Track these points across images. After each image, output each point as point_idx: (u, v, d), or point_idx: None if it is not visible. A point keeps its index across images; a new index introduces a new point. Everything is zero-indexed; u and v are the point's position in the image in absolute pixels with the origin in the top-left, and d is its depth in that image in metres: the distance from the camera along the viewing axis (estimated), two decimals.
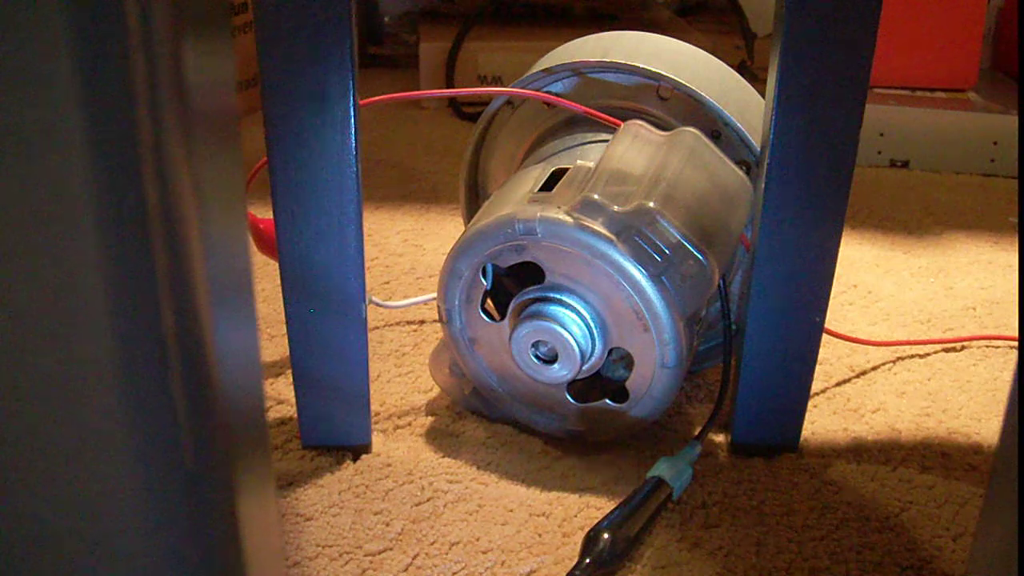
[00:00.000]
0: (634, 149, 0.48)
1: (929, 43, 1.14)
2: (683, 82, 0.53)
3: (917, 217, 0.93)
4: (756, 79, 1.30)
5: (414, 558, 0.46)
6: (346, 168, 0.47)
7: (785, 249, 0.49)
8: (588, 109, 0.53)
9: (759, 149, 0.52)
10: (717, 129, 0.53)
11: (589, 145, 0.53)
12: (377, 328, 0.68)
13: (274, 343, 0.65)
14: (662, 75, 0.53)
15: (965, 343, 0.69)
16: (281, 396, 0.59)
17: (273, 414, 0.58)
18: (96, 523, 0.19)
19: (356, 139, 0.47)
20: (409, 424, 0.57)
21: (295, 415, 0.55)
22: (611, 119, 0.52)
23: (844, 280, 0.78)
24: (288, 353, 0.52)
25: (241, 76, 1.17)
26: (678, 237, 0.45)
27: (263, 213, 0.49)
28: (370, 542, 0.47)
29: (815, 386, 0.53)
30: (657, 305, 0.46)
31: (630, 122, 0.50)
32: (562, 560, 0.46)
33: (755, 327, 0.51)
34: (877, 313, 0.73)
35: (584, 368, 0.48)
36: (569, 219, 0.45)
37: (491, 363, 0.52)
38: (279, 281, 0.50)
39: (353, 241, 0.49)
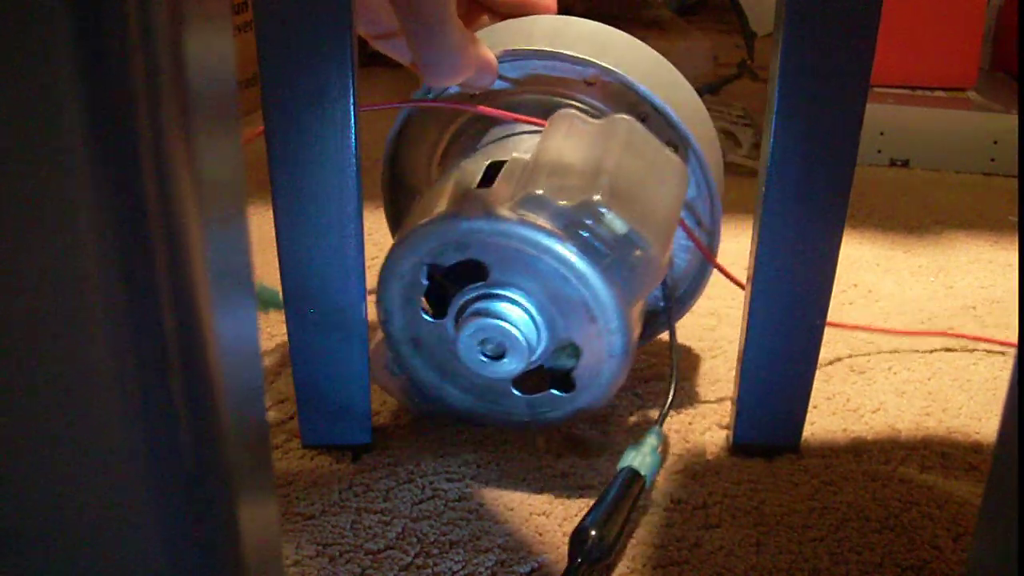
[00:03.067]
0: (570, 140, 0.48)
1: (929, 43, 1.14)
2: (609, 67, 0.52)
3: (917, 216, 0.93)
4: (756, 78, 1.30)
5: (414, 558, 0.46)
6: (346, 168, 0.47)
7: (785, 249, 0.49)
8: (515, 115, 0.52)
9: (687, 131, 0.52)
10: (645, 112, 0.53)
11: (521, 136, 0.53)
12: (377, 328, 0.68)
13: (274, 343, 0.65)
14: (587, 60, 0.52)
15: (966, 340, 0.69)
16: (281, 396, 0.59)
17: (273, 414, 0.58)
18: (95, 523, 0.19)
19: (356, 139, 0.47)
20: (409, 424, 0.57)
21: (295, 415, 0.55)
22: (533, 120, 0.52)
23: (844, 279, 0.78)
24: (288, 353, 0.52)
25: (241, 76, 1.17)
26: (624, 228, 0.44)
27: (263, 213, 0.49)
28: (370, 541, 0.47)
29: (815, 386, 0.53)
30: (604, 297, 0.46)
31: (561, 112, 0.50)
32: (562, 560, 0.46)
33: (755, 327, 0.51)
34: (877, 312, 0.73)
35: (532, 361, 0.48)
36: (514, 216, 0.45)
37: (433, 361, 0.51)
38: (279, 281, 0.50)
39: (353, 241, 0.49)
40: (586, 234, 0.45)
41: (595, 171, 0.45)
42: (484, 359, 0.48)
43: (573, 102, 0.54)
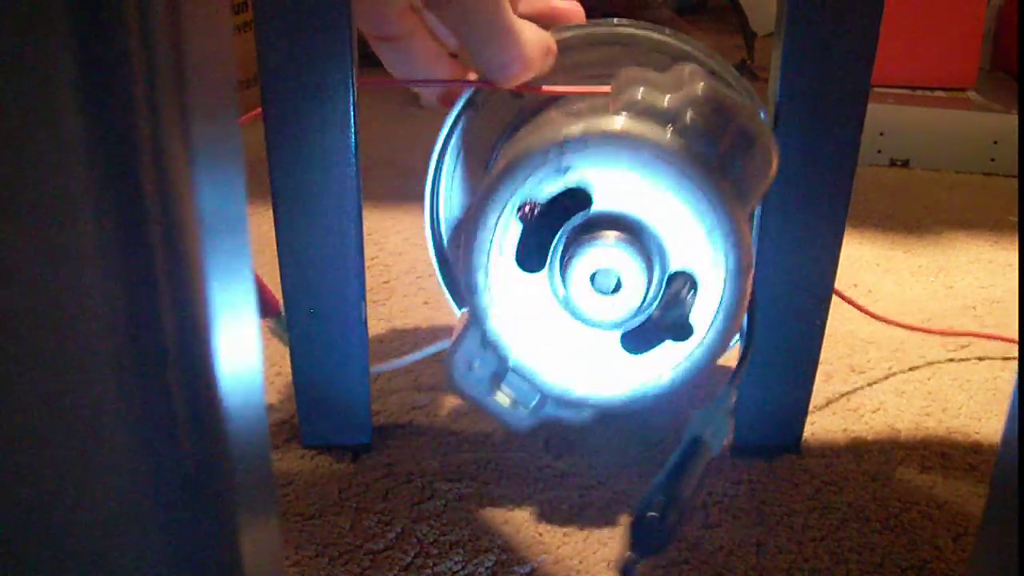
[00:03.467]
0: (650, 75, 0.43)
1: (929, 43, 1.14)
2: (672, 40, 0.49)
3: (917, 216, 0.93)
4: (756, 78, 1.30)
5: (414, 558, 0.46)
6: (346, 168, 0.47)
7: (786, 249, 0.49)
8: (578, 88, 0.48)
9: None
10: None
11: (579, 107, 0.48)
12: (377, 328, 0.68)
13: (274, 343, 0.65)
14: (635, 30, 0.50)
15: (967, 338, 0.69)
16: (281, 396, 0.59)
17: (273, 414, 0.58)
18: (95, 524, 0.19)
19: (356, 139, 0.47)
20: (409, 424, 0.57)
21: (295, 415, 0.55)
22: (596, 89, 0.47)
23: (844, 279, 0.78)
24: (288, 353, 0.52)
25: (241, 76, 1.17)
26: (741, 120, 0.40)
27: (263, 213, 0.49)
28: (370, 542, 0.47)
29: (815, 386, 0.53)
30: (723, 200, 0.40)
31: (624, 69, 0.45)
32: (562, 560, 0.46)
33: (756, 327, 0.51)
34: (877, 312, 0.73)
35: (645, 302, 0.42)
36: (622, 121, 0.40)
37: (527, 329, 0.43)
38: (279, 281, 0.50)
39: (353, 241, 0.49)
40: (697, 130, 0.40)
41: (687, 78, 0.41)
42: (598, 296, 0.41)
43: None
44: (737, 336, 0.48)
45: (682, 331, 0.43)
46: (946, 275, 0.80)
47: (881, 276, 0.79)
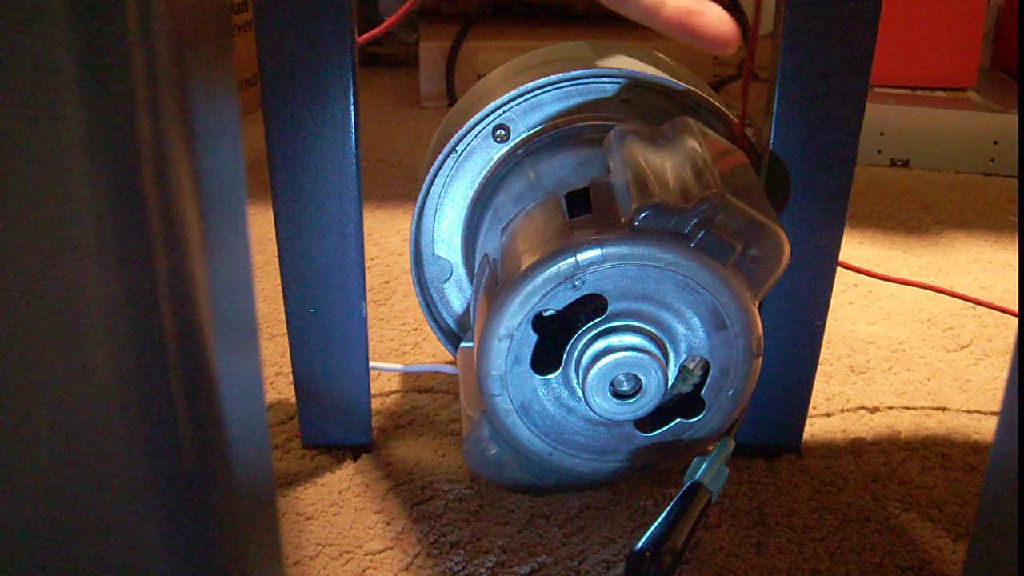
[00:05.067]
0: (649, 150, 0.44)
1: (929, 43, 1.14)
2: (650, 75, 0.49)
3: (917, 217, 0.93)
4: (756, 79, 1.30)
5: (414, 558, 0.46)
6: (346, 168, 0.47)
7: None
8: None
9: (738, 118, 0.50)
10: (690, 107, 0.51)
11: (571, 167, 0.49)
12: (377, 328, 0.68)
13: (274, 343, 0.65)
14: (625, 73, 0.50)
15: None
16: (281, 396, 0.59)
17: (273, 414, 0.58)
18: (96, 523, 0.19)
19: (356, 139, 0.47)
20: (409, 424, 0.57)
21: (295, 415, 0.55)
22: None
23: (844, 279, 0.78)
24: (288, 353, 0.52)
25: (241, 76, 1.17)
26: (751, 215, 0.41)
27: (263, 212, 0.49)
28: (370, 541, 0.47)
29: (815, 386, 0.53)
30: (738, 296, 0.42)
31: (618, 128, 0.46)
32: (562, 560, 0.46)
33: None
34: (877, 312, 0.73)
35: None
36: (634, 234, 0.41)
37: (544, 426, 0.45)
38: (279, 281, 0.50)
39: (353, 241, 0.49)
40: (712, 231, 0.41)
41: (697, 168, 0.42)
42: (618, 402, 0.43)
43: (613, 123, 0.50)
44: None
45: (694, 409, 0.45)
46: (946, 275, 0.80)
47: None
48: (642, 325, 0.43)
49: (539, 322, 0.43)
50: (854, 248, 0.84)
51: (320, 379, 0.52)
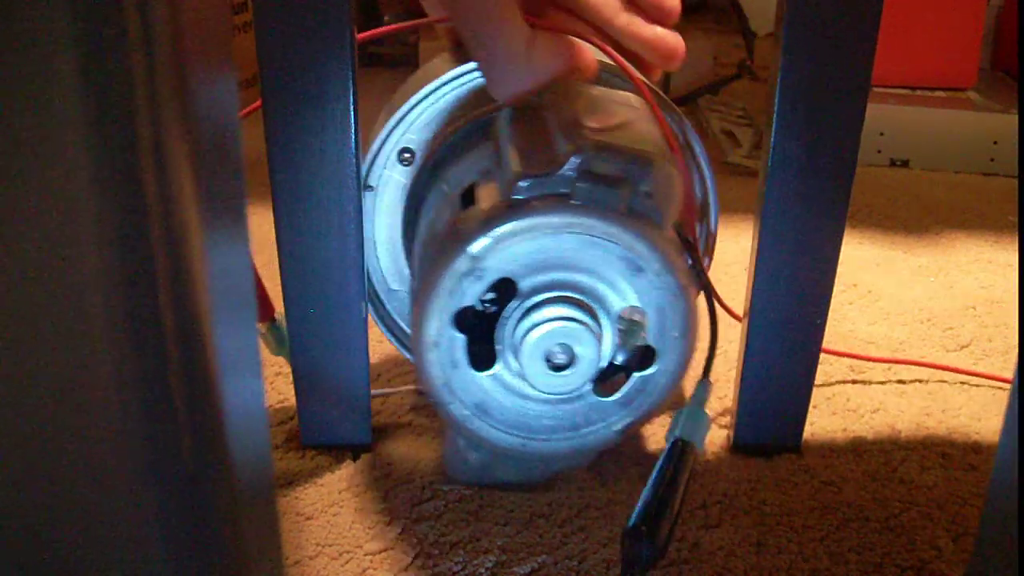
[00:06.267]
0: (522, 126, 0.44)
1: (929, 43, 1.14)
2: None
3: (917, 216, 0.93)
4: (756, 78, 1.30)
5: (414, 558, 0.46)
6: (346, 168, 0.47)
7: (786, 249, 0.49)
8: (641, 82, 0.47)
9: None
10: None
11: (468, 166, 0.48)
12: (377, 328, 0.68)
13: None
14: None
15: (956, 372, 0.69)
16: (281, 396, 0.59)
17: (273, 414, 0.58)
18: (96, 523, 0.19)
19: (356, 139, 0.47)
20: (409, 424, 0.57)
21: (295, 415, 0.55)
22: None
23: (844, 279, 0.78)
24: (288, 353, 0.52)
25: (241, 76, 1.17)
26: (627, 152, 0.40)
27: (263, 212, 0.49)
28: (370, 541, 0.47)
29: (815, 386, 0.53)
30: (643, 236, 0.41)
31: (497, 115, 0.46)
32: (562, 560, 0.46)
33: (756, 327, 0.51)
34: (877, 312, 0.73)
35: (603, 353, 0.43)
36: (511, 209, 0.41)
37: (507, 421, 0.44)
38: (279, 281, 0.50)
39: (353, 241, 0.49)
40: (591, 183, 0.40)
41: (567, 128, 0.42)
42: (557, 375, 0.42)
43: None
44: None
45: (645, 360, 0.44)
46: (946, 275, 0.80)
47: (881, 276, 0.79)
48: (560, 294, 0.42)
49: (463, 321, 0.42)
50: (854, 248, 0.84)
51: (320, 379, 0.52)
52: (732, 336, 0.68)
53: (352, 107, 0.46)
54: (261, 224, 0.53)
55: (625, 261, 0.41)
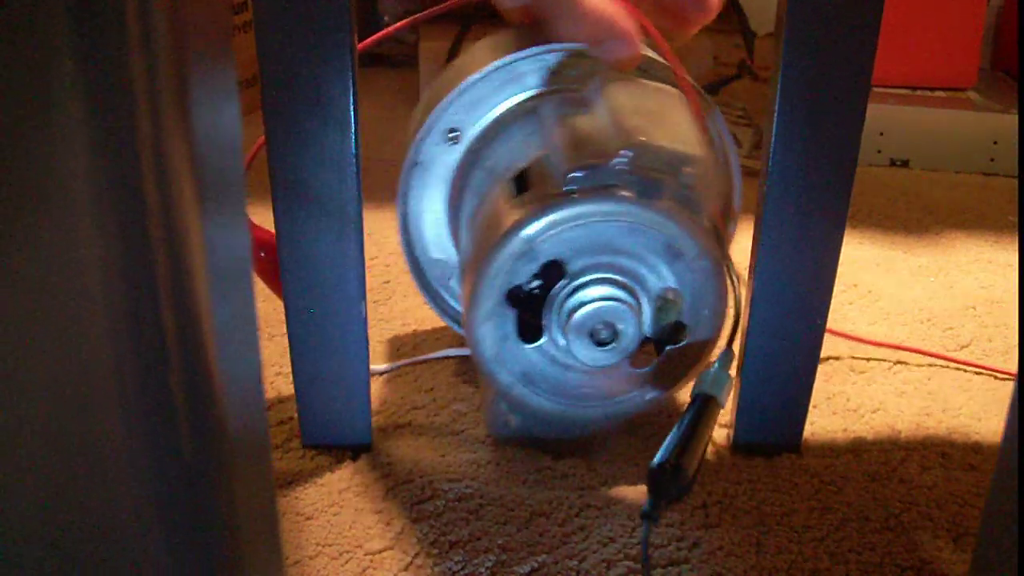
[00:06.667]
0: (574, 116, 0.48)
1: (929, 43, 1.14)
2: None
3: (917, 216, 0.93)
4: (756, 78, 1.30)
5: (414, 558, 0.46)
6: (346, 168, 0.47)
7: (786, 249, 0.49)
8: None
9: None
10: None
11: (517, 149, 0.52)
12: (377, 328, 0.68)
13: (274, 343, 0.65)
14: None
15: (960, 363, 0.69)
16: (281, 396, 0.59)
17: (273, 414, 0.58)
18: (96, 523, 0.19)
19: (356, 139, 0.47)
20: (409, 424, 0.57)
21: (295, 415, 0.55)
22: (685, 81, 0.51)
23: (844, 279, 0.78)
24: (288, 353, 0.52)
25: (241, 76, 1.17)
26: (670, 150, 0.45)
27: (263, 212, 0.49)
28: (370, 541, 0.47)
29: (815, 386, 0.53)
30: (683, 224, 0.45)
31: (545, 101, 0.50)
32: (562, 560, 0.46)
33: (756, 327, 0.51)
34: (877, 312, 0.73)
35: (643, 330, 0.47)
36: (565, 197, 0.45)
37: (551, 389, 0.49)
38: (279, 281, 0.50)
39: (353, 241, 0.49)
40: (637, 176, 0.45)
41: (617, 122, 0.46)
42: (600, 350, 0.47)
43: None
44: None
45: (676, 334, 0.49)
46: (946, 275, 0.80)
47: (881, 276, 0.79)
48: (605, 275, 0.46)
49: (515, 298, 0.47)
50: (854, 248, 0.84)
51: (320, 379, 0.52)
52: None
53: (352, 107, 0.46)
54: (261, 224, 0.53)
55: (666, 247, 0.46)
